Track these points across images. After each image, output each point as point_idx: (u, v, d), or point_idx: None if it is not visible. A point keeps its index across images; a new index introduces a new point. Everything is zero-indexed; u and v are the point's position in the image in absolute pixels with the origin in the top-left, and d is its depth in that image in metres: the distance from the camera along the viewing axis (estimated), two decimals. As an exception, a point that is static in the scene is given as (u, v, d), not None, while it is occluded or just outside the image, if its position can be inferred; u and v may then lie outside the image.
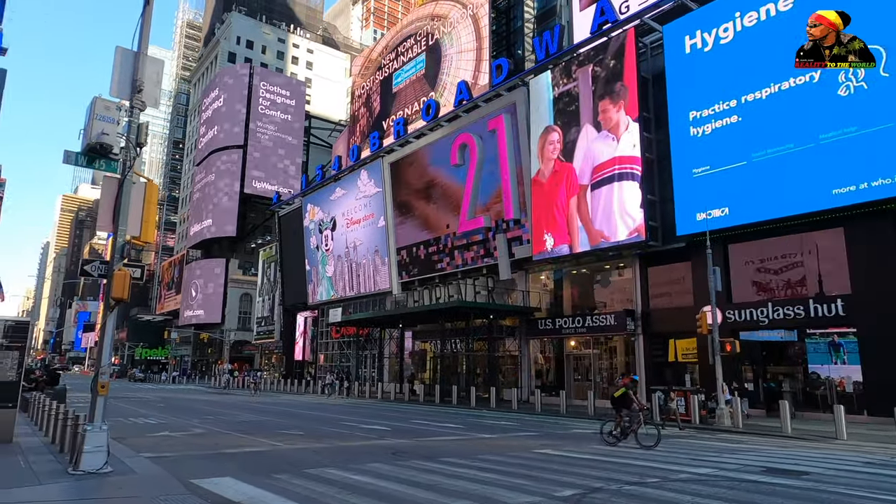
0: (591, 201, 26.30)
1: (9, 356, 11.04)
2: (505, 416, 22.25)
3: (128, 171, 8.26)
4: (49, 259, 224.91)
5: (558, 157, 28.07)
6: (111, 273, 7.88)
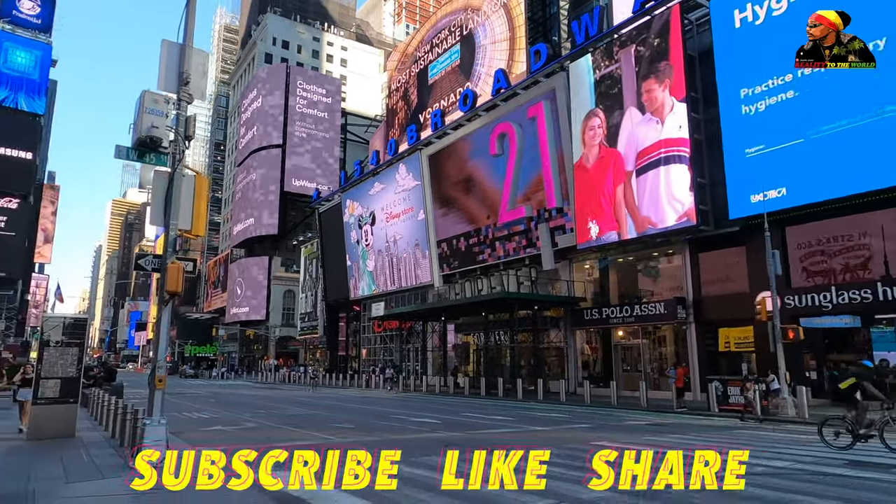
0: (637, 187, 25.50)
1: (69, 353, 11.28)
2: (554, 408, 21.83)
3: (177, 164, 8.22)
4: (102, 261, 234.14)
5: (602, 143, 27.31)
6: (164, 267, 7.86)
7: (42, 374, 10.93)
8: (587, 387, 24.15)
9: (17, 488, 6.89)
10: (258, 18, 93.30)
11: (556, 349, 31.89)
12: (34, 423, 10.98)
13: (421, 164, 40.72)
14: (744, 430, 14.68)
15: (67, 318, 12.08)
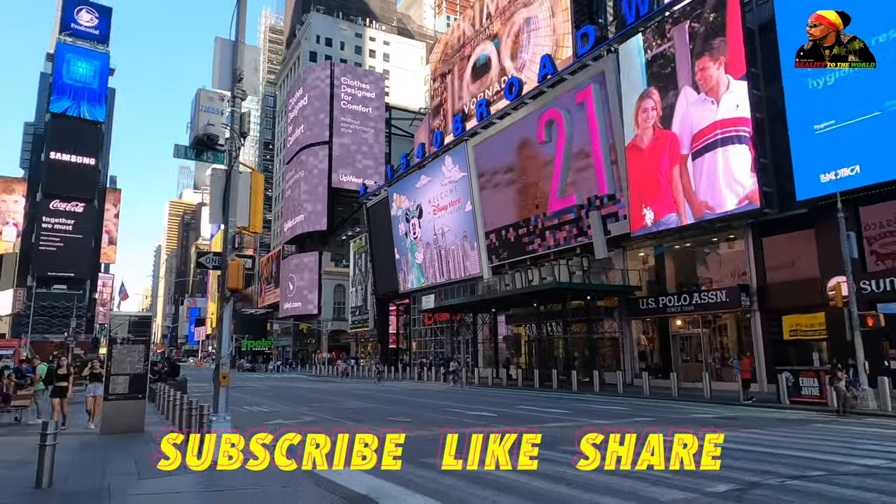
0: (693, 171, 24.46)
1: (136, 350, 11.60)
2: (612, 400, 21.25)
3: (234, 160, 8.22)
4: (162, 260, 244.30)
5: (656, 125, 26.32)
6: (224, 264, 7.89)
7: (112, 371, 11.28)
8: (646, 378, 23.42)
9: (92, 484, 7.05)
10: (302, 18, 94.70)
11: (611, 340, 31.14)
12: (106, 418, 11.36)
13: (467, 155, 40.38)
14: (823, 423, 13.83)
15: (132, 315, 12.43)
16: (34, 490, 6.66)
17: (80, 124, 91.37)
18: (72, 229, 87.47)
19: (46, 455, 6.18)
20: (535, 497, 6.42)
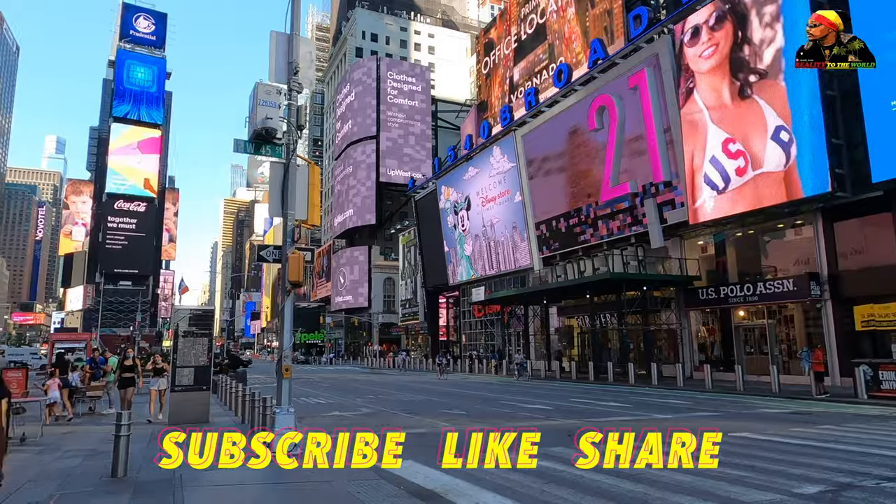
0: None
1: (199, 343, 11.90)
2: (672, 394, 20.56)
3: (291, 154, 8.23)
4: (218, 256, 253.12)
5: (715, 107, 25.21)
6: (285, 257, 7.92)
7: (178, 363, 11.60)
8: (708, 371, 22.53)
9: (165, 474, 7.22)
10: (347, 14, 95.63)
11: (668, 331, 30.17)
12: (173, 408, 11.70)
13: (516, 145, 39.86)
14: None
15: (195, 309, 12.75)
16: (110, 480, 6.86)
17: (139, 127, 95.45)
18: (135, 228, 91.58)
19: (121, 446, 6.35)
20: (616, 497, 6.14)
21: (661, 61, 28.44)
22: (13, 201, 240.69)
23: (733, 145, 24.11)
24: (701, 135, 25.71)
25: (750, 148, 23.42)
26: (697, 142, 25.92)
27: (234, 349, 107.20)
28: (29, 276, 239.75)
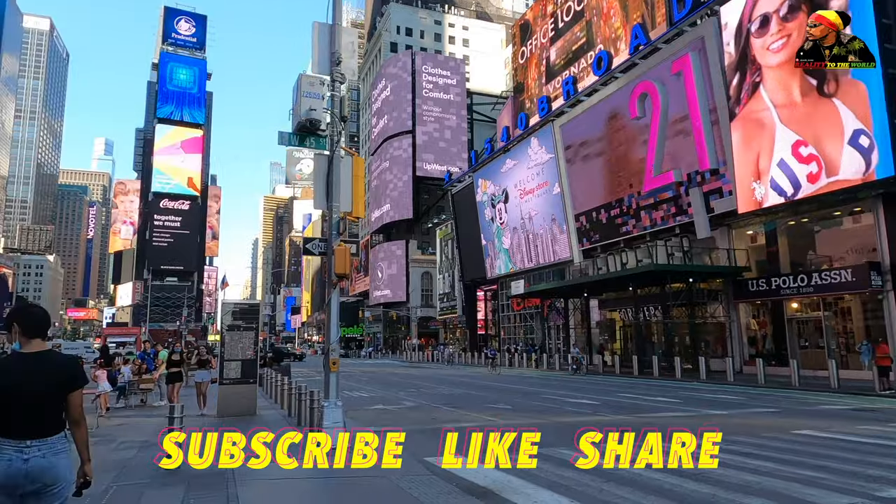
0: (812, 137, 22.19)
1: (246, 336, 12.00)
2: (722, 389, 19.88)
3: (335, 145, 8.14)
4: (259, 252, 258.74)
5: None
6: (331, 249, 7.84)
7: (225, 357, 11.73)
8: (760, 366, 21.71)
9: (216, 467, 7.24)
10: (381, 10, 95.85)
11: (716, 325, 29.21)
12: (221, 401, 11.86)
13: (554, 135, 39.21)
14: None
15: (241, 303, 12.85)
16: (166, 472, 6.91)
17: (181, 128, 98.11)
18: (180, 225, 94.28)
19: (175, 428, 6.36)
20: (680, 498, 5.83)
21: (706, 45, 27.43)
22: (66, 202, 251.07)
23: (805, 148, 22.30)
24: (767, 135, 23.82)
25: (824, 152, 21.60)
26: (763, 142, 24.02)
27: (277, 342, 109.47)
28: (82, 274, 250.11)
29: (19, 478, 2.84)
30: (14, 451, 2.86)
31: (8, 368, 3.01)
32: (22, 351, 3.05)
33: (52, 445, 2.94)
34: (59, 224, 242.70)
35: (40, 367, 3.00)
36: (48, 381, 2.99)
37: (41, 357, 3.04)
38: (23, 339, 3.07)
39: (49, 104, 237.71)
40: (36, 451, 2.89)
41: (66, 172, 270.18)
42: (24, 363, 3.01)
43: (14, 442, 2.88)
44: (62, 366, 3.08)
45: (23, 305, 3.28)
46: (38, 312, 3.17)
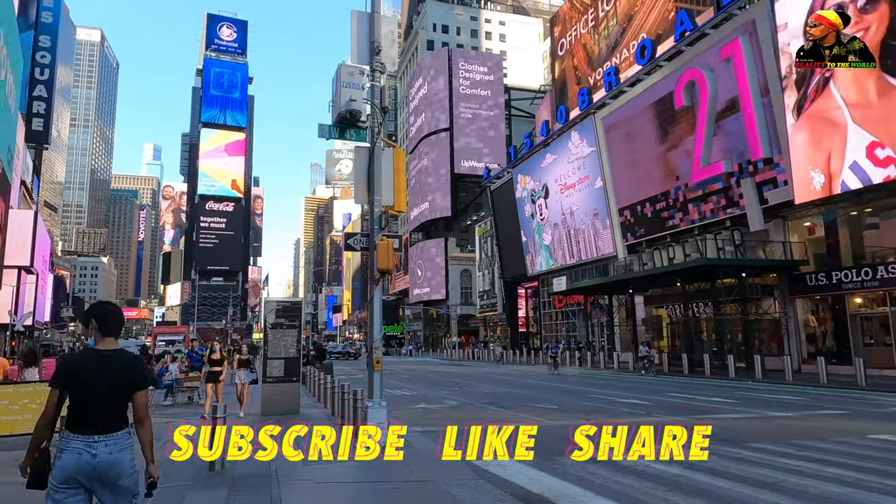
0: (876, 122, 20.84)
1: (289, 335, 11.91)
2: (781, 389, 18.87)
3: (376, 137, 7.88)
4: (301, 251, 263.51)
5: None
6: (373, 244, 7.59)
7: (268, 355, 11.66)
8: (822, 364, 20.54)
9: (260, 468, 7.08)
10: (418, 8, 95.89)
11: (770, 321, 27.90)
12: (265, 400, 11.80)
13: (595, 128, 38.27)
14: None
15: (283, 301, 12.77)
16: (209, 473, 6.78)
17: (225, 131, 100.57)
18: (224, 227, 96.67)
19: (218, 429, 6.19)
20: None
21: (758, 29, 26.19)
22: (118, 205, 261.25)
23: (881, 151, 20.85)
24: (839, 135, 22.33)
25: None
26: (834, 143, 22.55)
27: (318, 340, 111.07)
28: (133, 274, 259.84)
29: (88, 471, 2.94)
30: (83, 445, 2.95)
31: (87, 364, 3.10)
32: (97, 348, 3.14)
33: (117, 441, 3.02)
34: (112, 227, 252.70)
35: (113, 366, 3.09)
36: (118, 380, 3.08)
37: (114, 355, 3.14)
38: (98, 335, 3.14)
39: (101, 112, 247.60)
40: (103, 446, 2.98)
41: (117, 177, 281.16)
42: (100, 360, 3.10)
43: (83, 437, 2.97)
44: (130, 366, 3.18)
45: (102, 303, 3.33)
46: (116, 312, 3.27)
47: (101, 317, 3.15)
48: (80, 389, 3.00)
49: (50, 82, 49.00)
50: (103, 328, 3.14)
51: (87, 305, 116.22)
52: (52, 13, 50.98)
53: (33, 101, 47.13)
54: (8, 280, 29.93)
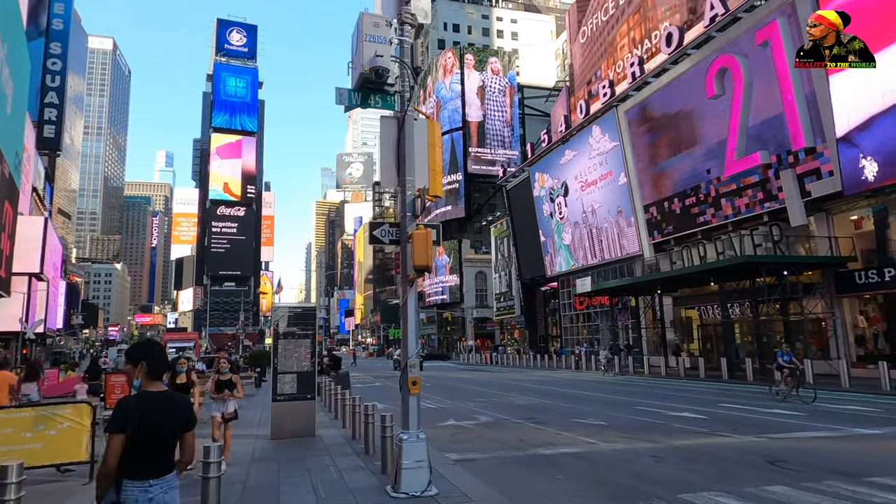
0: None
1: (302, 345, 10.43)
2: (841, 397, 17.11)
3: (407, 104, 6.40)
4: (312, 256, 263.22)
5: (878, 53, 21.03)
6: (405, 236, 6.10)
7: (279, 370, 10.17)
8: (884, 369, 18.73)
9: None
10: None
11: (812, 322, 26.04)
12: (275, 420, 10.28)
13: (618, 121, 36.59)
14: None
15: (295, 306, 11.30)
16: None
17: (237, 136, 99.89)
18: (236, 231, 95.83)
19: (210, 492, 4.70)
20: None
21: (797, 8, 24.44)
22: (131, 212, 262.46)
23: None
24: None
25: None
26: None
27: (331, 345, 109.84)
28: (147, 281, 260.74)
29: None
30: (140, 491, 2.92)
31: (151, 406, 3.03)
32: (151, 391, 3.11)
33: (169, 482, 3.04)
34: (125, 234, 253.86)
35: (173, 407, 3.10)
36: (176, 421, 3.09)
37: (167, 397, 3.15)
38: (146, 379, 3.11)
39: (114, 120, 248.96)
40: (158, 489, 2.97)
41: (130, 185, 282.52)
42: (162, 402, 3.08)
43: (138, 483, 2.93)
44: (185, 406, 3.22)
45: (151, 344, 3.30)
46: (164, 356, 3.27)
47: (152, 362, 3.13)
48: (148, 433, 2.95)
49: (61, 89, 48.29)
50: (152, 372, 3.13)
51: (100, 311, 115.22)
52: (63, 20, 50.35)
53: (45, 108, 46.46)
54: (18, 287, 28.94)
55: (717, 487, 6.55)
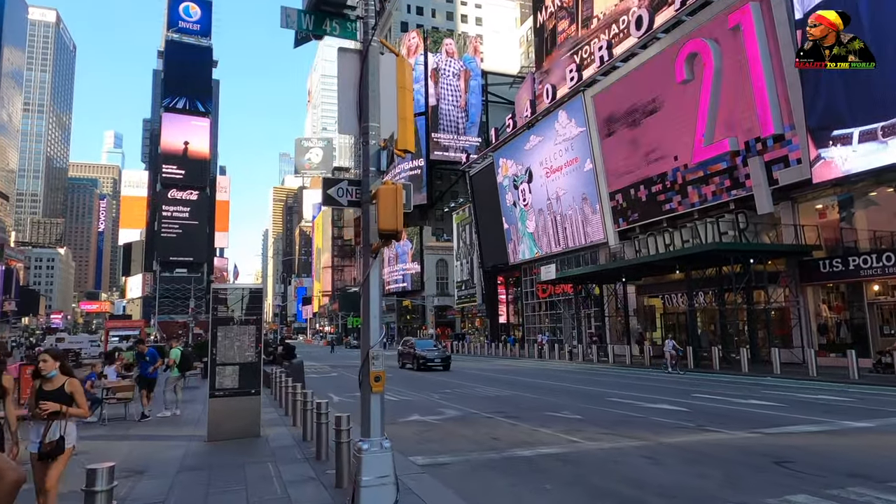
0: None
1: (247, 332, 9.05)
2: (815, 387, 16.76)
3: (371, 32, 5.16)
4: (269, 242, 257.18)
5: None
6: (368, 194, 4.88)
7: (218, 360, 8.78)
8: (853, 358, 18.50)
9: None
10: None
11: (776, 311, 26.00)
12: (212, 419, 8.90)
13: (585, 107, 35.91)
14: None
15: (244, 287, 9.88)
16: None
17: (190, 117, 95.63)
18: (188, 216, 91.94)
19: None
20: None
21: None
22: (77, 195, 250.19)
23: None
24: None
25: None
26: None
27: (287, 333, 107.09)
28: (94, 266, 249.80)
29: None
30: None
31: None
32: None
33: None
34: (70, 217, 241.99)
35: None
36: None
37: None
38: None
39: (57, 97, 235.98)
40: None
41: (75, 166, 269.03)
42: None
43: None
44: None
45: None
46: None
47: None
48: None
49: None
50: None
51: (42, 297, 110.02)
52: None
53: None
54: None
55: (734, 499, 5.60)
